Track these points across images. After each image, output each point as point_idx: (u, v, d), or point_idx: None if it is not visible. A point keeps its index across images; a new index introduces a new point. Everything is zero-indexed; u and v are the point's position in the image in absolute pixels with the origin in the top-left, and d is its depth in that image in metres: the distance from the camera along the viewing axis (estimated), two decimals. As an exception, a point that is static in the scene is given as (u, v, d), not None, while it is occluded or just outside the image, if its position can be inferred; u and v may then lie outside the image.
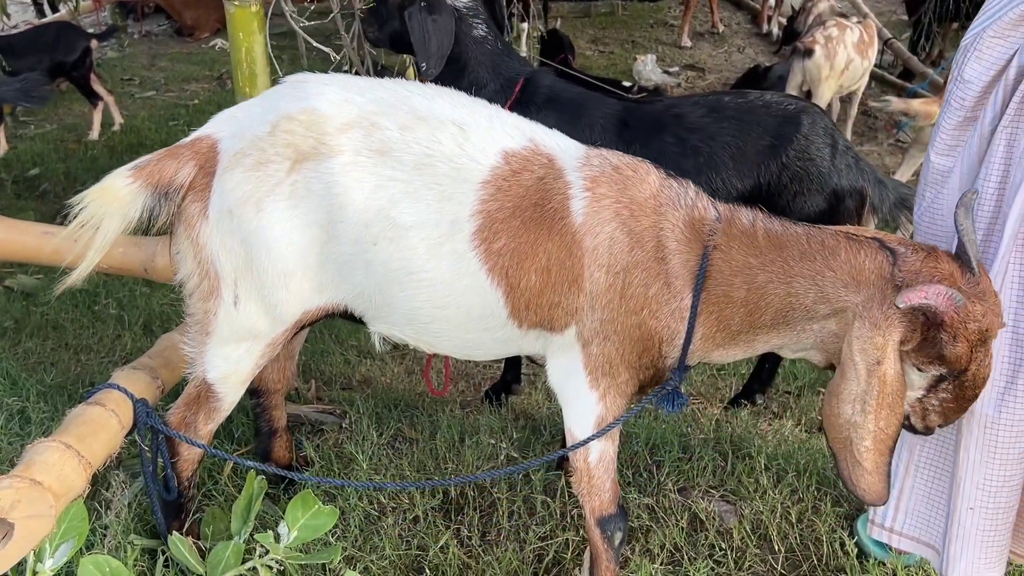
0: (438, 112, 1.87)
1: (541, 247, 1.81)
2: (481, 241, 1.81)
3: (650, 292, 1.80)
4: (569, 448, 1.95)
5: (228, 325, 1.93)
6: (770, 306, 1.77)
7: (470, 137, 1.85)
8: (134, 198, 1.86)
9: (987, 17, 1.88)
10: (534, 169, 1.85)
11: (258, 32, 2.47)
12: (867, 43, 7.00)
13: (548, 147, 1.90)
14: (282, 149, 1.81)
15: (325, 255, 1.86)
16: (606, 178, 1.84)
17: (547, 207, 1.82)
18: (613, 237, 1.80)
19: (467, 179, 1.82)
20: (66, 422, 1.90)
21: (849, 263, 1.70)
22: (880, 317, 1.62)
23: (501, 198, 1.82)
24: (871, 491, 1.70)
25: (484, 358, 2.10)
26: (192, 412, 2.05)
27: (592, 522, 1.98)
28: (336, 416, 2.83)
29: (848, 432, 1.68)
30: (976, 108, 1.90)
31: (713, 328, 1.84)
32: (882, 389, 1.62)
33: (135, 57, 9.83)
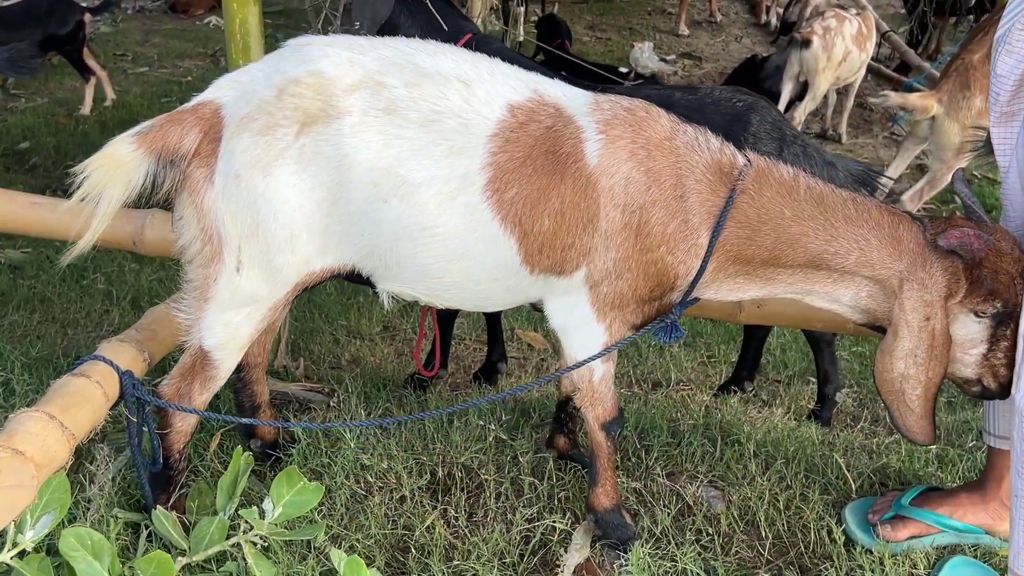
0: (442, 68, 1.87)
1: (554, 191, 1.84)
2: (493, 192, 1.83)
3: (668, 229, 1.86)
4: (572, 367, 2.03)
5: (229, 290, 1.91)
6: (800, 255, 1.88)
7: (475, 92, 1.86)
8: (138, 165, 1.83)
9: (1016, 10, 1.87)
10: (541, 119, 1.87)
11: (252, 3, 2.43)
12: (865, 35, 7.00)
13: (553, 97, 1.92)
14: (290, 112, 1.80)
15: (332, 217, 1.86)
16: (619, 120, 1.88)
17: (559, 153, 1.85)
18: (629, 177, 1.84)
19: (475, 133, 1.83)
20: (50, 393, 1.88)
21: (892, 234, 1.85)
22: (925, 277, 1.80)
23: (510, 149, 1.84)
24: (923, 432, 1.89)
25: (493, 309, 2.14)
26: (187, 382, 2.03)
27: (596, 427, 2.12)
28: (324, 395, 2.81)
29: (901, 384, 1.85)
30: (1013, 102, 1.91)
31: (729, 264, 1.93)
32: (932, 342, 1.80)
33: (128, 32, 9.77)
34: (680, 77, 8.92)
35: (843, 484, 2.46)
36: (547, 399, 2.88)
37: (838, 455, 2.55)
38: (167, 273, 4.32)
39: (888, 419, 1.98)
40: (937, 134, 5.09)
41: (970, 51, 4.96)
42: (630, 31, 10.16)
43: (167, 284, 4.21)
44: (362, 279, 2.03)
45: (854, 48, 6.86)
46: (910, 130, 5.46)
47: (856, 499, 2.38)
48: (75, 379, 1.92)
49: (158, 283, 4.27)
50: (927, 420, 1.87)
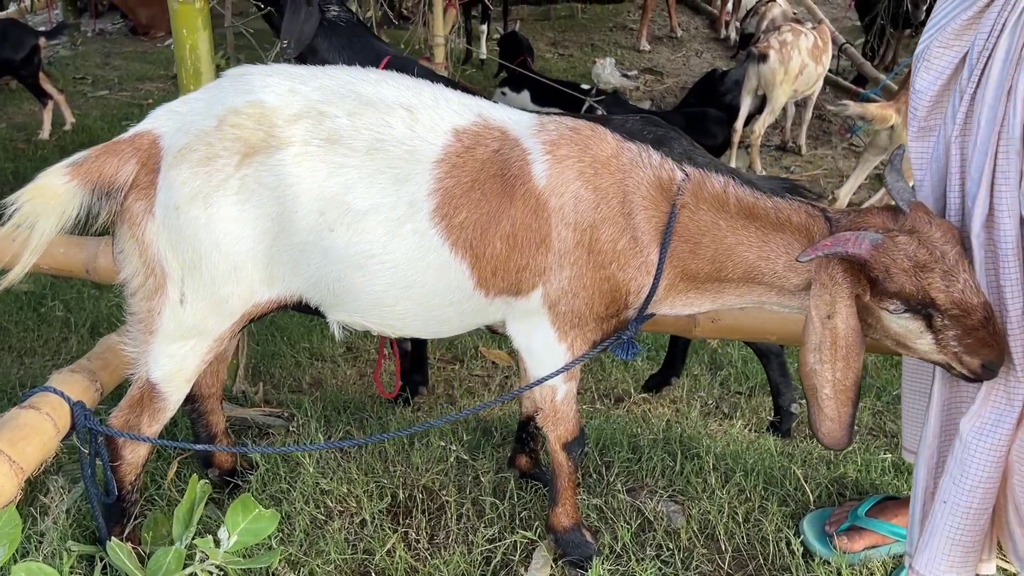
0: (385, 96, 1.88)
1: (505, 214, 1.85)
2: (442, 217, 1.83)
3: (618, 246, 1.87)
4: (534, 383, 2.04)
5: (174, 323, 1.90)
6: (738, 266, 1.89)
7: (419, 118, 1.87)
8: (71, 197, 1.82)
9: (934, 26, 1.91)
10: (488, 143, 1.89)
11: (202, 29, 2.43)
12: (821, 48, 7.10)
13: (498, 120, 1.93)
14: (230, 143, 1.79)
15: (277, 247, 1.85)
16: (565, 140, 1.89)
17: (507, 175, 1.86)
18: (578, 195, 1.85)
19: (421, 159, 1.84)
20: (-2, 426, 1.85)
21: (807, 235, 1.86)
22: (826, 277, 1.78)
23: (457, 174, 1.84)
24: (829, 436, 1.86)
25: (450, 334, 2.13)
26: (136, 414, 2.01)
27: (558, 447, 2.12)
28: (283, 419, 2.80)
29: (812, 379, 1.84)
30: (930, 118, 1.94)
31: (678, 280, 1.94)
32: (835, 341, 1.78)
33: (88, 55, 9.69)
34: (642, 92, 9.00)
35: (801, 495, 2.49)
36: (509, 417, 2.88)
37: (796, 466, 2.58)
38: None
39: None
40: (896, 143, 5.17)
41: (922, 62, 5.06)
42: (592, 47, 10.24)
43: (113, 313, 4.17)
44: (311, 309, 2.03)
45: (810, 61, 6.94)
46: (870, 140, 5.54)
47: (814, 510, 2.41)
48: (24, 411, 1.90)
49: (117, 309, 4.21)
50: (837, 424, 1.83)
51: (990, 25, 1.77)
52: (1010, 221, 1.77)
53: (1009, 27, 1.73)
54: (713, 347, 4.04)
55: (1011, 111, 1.73)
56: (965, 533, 1.91)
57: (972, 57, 1.80)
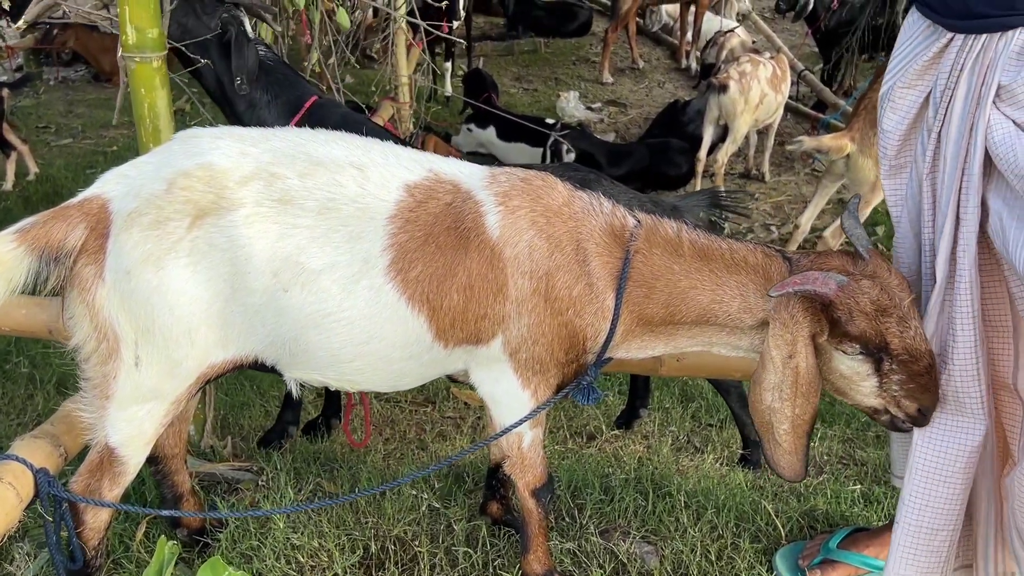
0: (335, 156, 1.89)
1: (460, 266, 1.86)
2: (397, 272, 1.85)
3: (574, 293, 1.89)
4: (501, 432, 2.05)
5: (130, 387, 1.89)
6: (692, 309, 1.91)
7: (370, 176, 1.88)
8: (18, 263, 1.81)
9: (895, 67, 1.97)
10: (440, 196, 1.90)
11: (160, 87, 2.44)
12: (780, 78, 7.22)
13: (449, 174, 1.96)
14: (181, 206, 1.80)
15: (231, 308, 1.85)
16: (516, 191, 1.92)
17: (461, 228, 1.87)
18: (532, 244, 1.88)
19: (373, 217, 1.85)
20: (-41, 498, 1.83)
21: (764, 275, 1.89)
22: (787, 317, 1.81)
23: (411, 229, 1.86)
24: (789, 469, 1.91)
25: (410, 386, 2.14)
26: (96, 479, 2.00)
27: (526, 494, 2.14)
28: (253, 473, 2.77)
29: (769, 417, 1.87)
30: (900, 156, 2.00)
31: (634, 324, 1.96)
32: (796, 379, 1.82)
33: (51, 104, 9.62)
34: (606, 124, 9.09)
35: (773, 530, 2.50)
36: (481, 462, 2.87)
37: (767, 501, 2.60)
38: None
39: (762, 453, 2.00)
40: (853, 171, 5.25)
41: (876, 90, 5.14)
42: (556, 81, 10.33)
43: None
44: (267, 367, 2.02)
45: (770, 91, 7.05)
46: (827, 167, 5.63)
47: (786, 544, 2.42)
48: (-16, 482, 1.87)
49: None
50: (795, 456, 1.88)
51: (949, 65, 1.82)
52: (966, 256, 1.82)
53: (967, 68, 1.79)
54: (683, 380, 4.06)
55: (972, 149, 1.78)
56: (918, 553, 1.95)
57: (935, 96, 1.86)
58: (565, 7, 12.09)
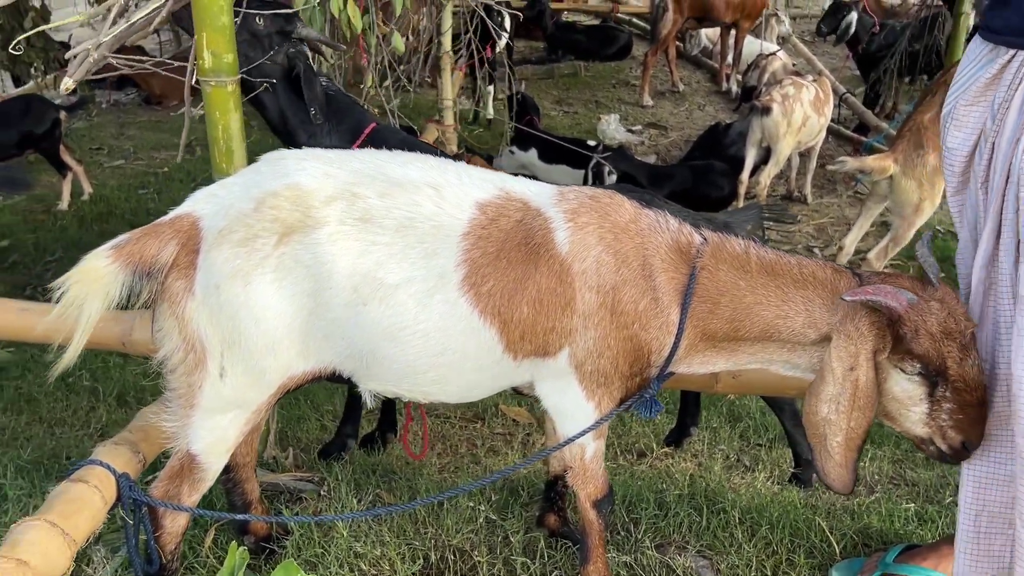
0: (412, 176, 1.98)
1: (530, 280, 1.93)
2: (470, 287, 1.92)
3: (640, 307, 1.95)
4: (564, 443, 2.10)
5: (214, 396, 1.97)
6: (756, 324, 1.96)
7: (445, 195, 1.96)
8: (114, 278, 1.91)
9: (958, 87, 2.02)
10: (511, 214, 1.98)
11: (234, 110, 2.54)
12: (823, 100, 7.24)
13: (519, 192, 2.03)
14: (269, 224, 1.89)
15: (312, 322, 1.93)
16: (585, 208, 1.98)
17: (531, 244, 1.95)
18: (600, 259, 1.94)
19: (448, 234, 1.93)
20: (49, 500, 1.92)
21: (832, 290, 1.93)
22: (852, 330, 1.85)
23: (483, 245, 1.94)
24: (839, 481, 1.93)
25: (478, 398, 2.20)
26: (175, 485, 2.08)
27: (588, 505, 2.18)
28: (314, 483, 2.85)
29: (823, 429, 1.90)
30: (965, 173, 2.04)
31: (698, 339, 2.01)
32: (854, 392, 1.85)
33: (103, 126, 9.89)
34: (647, 146, 9.15)
35: (827, 547, 2.52)
36: (535, 476, 2.93)
37: (820, 518, 2.62)
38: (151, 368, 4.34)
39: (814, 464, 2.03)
40: (896, 192, 5.26)
41: (921, 112, 5.17)
42: (596, 104, 10.42)
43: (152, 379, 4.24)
44: (343, 379, 2.10)
45: (813, 113, 7.08)
46: (871, 189, 5.64)
47: (841, 560, 2.44)
48: (73, 485, 1.97)
49: (142, 378, 4.29)
50: (846, 469, 1.92)
51: (1009, 79, 1.88)
52: (1007, 260, 1.86)
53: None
54: (731, 399, 4.08)
55: (1016, 159, 1.82)
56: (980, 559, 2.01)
57: (994, 107, 1.91)
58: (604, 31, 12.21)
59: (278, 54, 2.90)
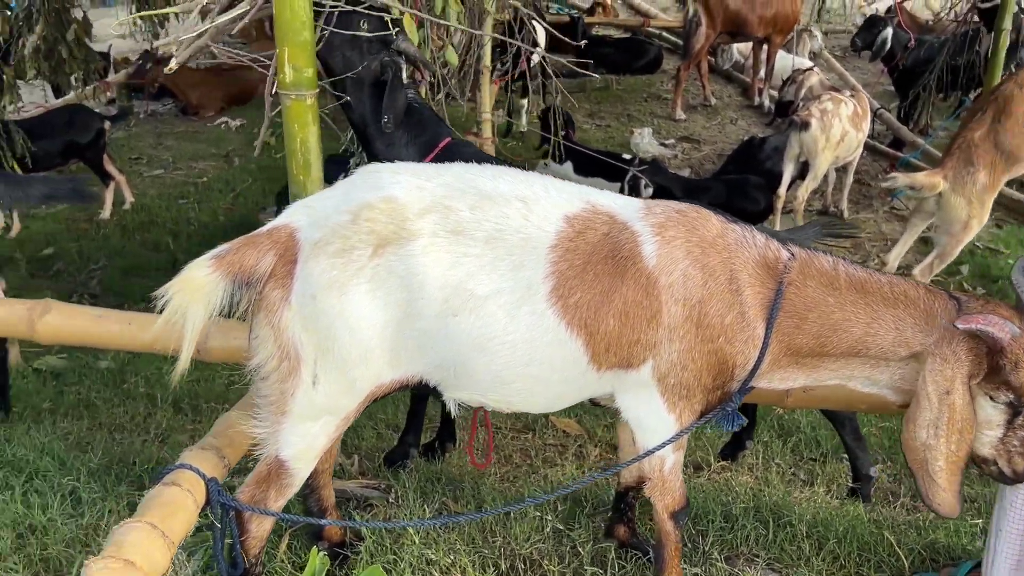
0: (501, 190, 2.02)
1: (617, 293, 1.97)
2: (557, 298, 1.95)
3: (726, 321, 1.98)
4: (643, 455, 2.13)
5: (306, 403, 2.01)
6: (844, 341, 1.99)
7: (533, 208, 2.00)
8: (215, 287, 1.95)
9: None
10: (597, 227, 2.01)
11: (312, 124, 2.59)
12: (861, 116, 7.24)
13: (605, 206, 2.06)
14: (365, 236, 1.93)
15: (403, 331, 1.97)
16: (672, 222, 2.02)
17: (618, 257, 1.98)
18: (687, 273, 1.97)
19: (536, 246, 1.97)
20: (146, 502, 1.96)
21: (926, 311, 1.96)
22: (949, 353, 1.88)
23: (570, 258, 1.97)
24: (945, 505, 1.94)
25: (560, 408, 2.23)
26: (262, 490, 2.12)
27: (665, 516, 2.21)
28: (380, 491, 2.88)
29: (924, 454, 1.93)
30: None
31: (782, 354, 2.04)
32: (952, 416, 1.87)
33: (141, 136, 10.02)
34: (680, 160, 9.17)
35: (895, 561, 2.53)
36: (598, 487, 2.95)
37: (887, 532, 2.62)
38: (203, 374, 4.41)
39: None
40: (944, 209, 5.26)
41: (971, 129, 5.17)
42: (628, 117, 10.45)
43: (204, 384, 4.30)
44: (428, 389, 2.14)
45: (851, 128, 7.09)
46: (916, 206, 5.64)
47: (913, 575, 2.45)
48: (168, 488, 2.01)
49: (195, 384, 4.35)
50: (950, 492, 1.93)
51: None
52: None
53: None
54: (780, 413, 4.09)
55: None
56: None
57: None
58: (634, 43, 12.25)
59: (373, 60, 2.93)
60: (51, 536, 2.56)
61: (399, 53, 2.98)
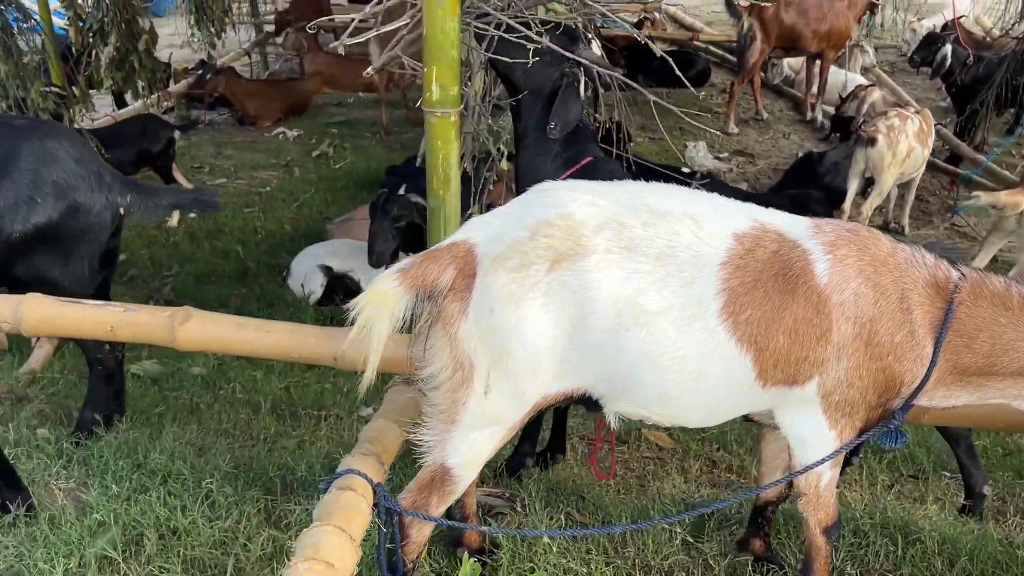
0: (672, 208, 2.07)
1: (787, 310, 2.00)
2: (728, 315, 1.99)
3: (896, 339, 2.01)
4: (802, 470, 2.17)
5: (477, 413, 2.07)
6: (1016, 360, 2.01)
7: (703, 226, 2.05)
8: (400, 300, 2.02)
9: None
10: (767, 244, 2.05)
11: (455, 140, 2.65)
12: (926, 132, 7.25)
13: (773, 223, 2.11)
14: (543, 252, 1.98)
15: (573, 344, 2.02)
16: (844, 241, 2.06)
17: (789, 274, 2.02)
18: (859, 291, 2.01)
19: (706, 263, 2.01)
20: (328, 507, 2.01)
21: None
22: None
23: (741, 275, 2.01)
24: None
25: (718, 422, 2.27)
26: (424, 496, 2.18)
27: (818, 531, 2.25)
28: (504, 499, 2.93)
29: None
30: None
31: (947, 373, 2.06)
32: None
33: (201, 146, 10.14)
34: (736, 174, 9.20)
35: (1031, 580, 2.54)
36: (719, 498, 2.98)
37: (1020, 550, 2.63)
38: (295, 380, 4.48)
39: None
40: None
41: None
42: (680, 131, 10.46)
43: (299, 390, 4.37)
44: (588, 401, 2.18)
45: (917, 144, 7.09)
46: (995, 224, 5.64)
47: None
48: (344, 493, 2.07)
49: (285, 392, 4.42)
50: None
51: None
52: None
53: None
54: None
55: None
56: None
57: None
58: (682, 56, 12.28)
59: (555, 69, 2.99)
60: (194, 538, 2.64)
61: (579, 64, 3.03)
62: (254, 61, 12.60)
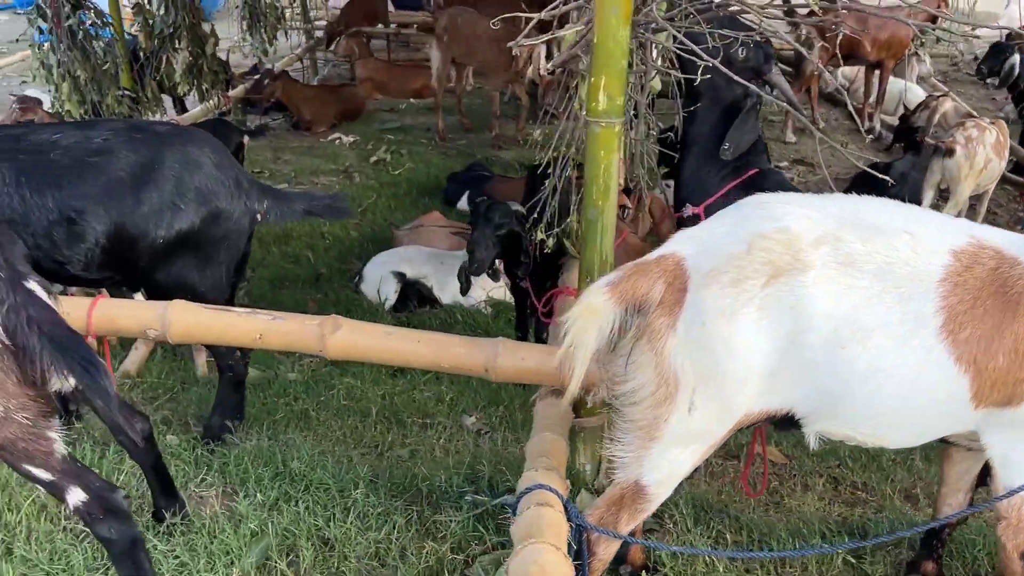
0: (887, 222, 2.03)
1: (1008, 329, 1.96)
2: (948, 333, 1.95)
3: None
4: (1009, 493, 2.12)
5: (680, 430, 2.03)
6: None
7: (920, 241, 2.01)
8: (610, 313, 1.99)
9: None
10: (985, 262, 2.01)
11: (616, 150, 2.61)
12: (1003, 144, 7.17)
13: (990, 240, 2.06)
14: (760, 266, 1.95)
15: (784, 361, 1.98)
16: None
17: (1010, 292, 1.97)
18: None
19: (923, 280, 1.97)
20: (534, 525, 1.99)
21: None
22: None
23: (959, 292, 1.97)
24: None
25: (922, 442, 2.22)
26: (613, 513, 2.14)
27: (1015, 556, 2.21)
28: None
29: None
30: None
31: None
32: None
33: (258, 150, 10.15)
34: (796, 183, 9.12)
35: None
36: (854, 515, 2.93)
37: None
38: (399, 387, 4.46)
39: None
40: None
41: None
42: (736, 139, 10.43)
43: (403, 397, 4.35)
44: (782, 420, 2.14)
45: (994, 156, 7.01)
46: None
47: None
48: (544, 510, 2.04)
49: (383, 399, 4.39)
50: None
51: None
52: None
53: None
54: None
55: None
56: None
57: None
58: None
59: (739, 86, 2.95)
60: (349, 548, 2.61)
61: (766, 83, 3.00)
62: (304, 66, 12.63)
